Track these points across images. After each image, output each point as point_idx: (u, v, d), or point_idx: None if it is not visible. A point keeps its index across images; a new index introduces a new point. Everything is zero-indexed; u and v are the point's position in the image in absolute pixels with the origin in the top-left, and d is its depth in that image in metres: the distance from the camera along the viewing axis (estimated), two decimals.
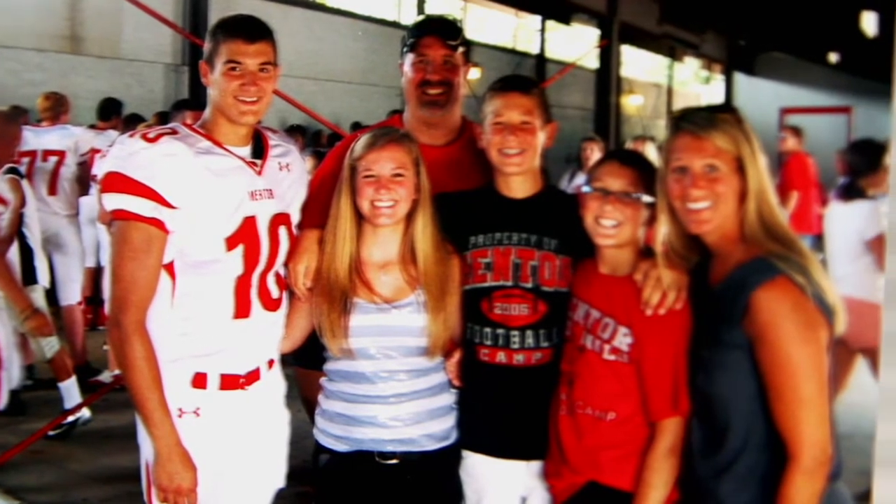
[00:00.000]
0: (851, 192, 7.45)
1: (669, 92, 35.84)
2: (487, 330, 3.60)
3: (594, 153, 11.46)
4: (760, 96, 31.47)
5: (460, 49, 4.11)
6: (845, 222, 7.42)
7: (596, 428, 3.34)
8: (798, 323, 2.88)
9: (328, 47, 20.85)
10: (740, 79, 35.01)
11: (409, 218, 3.53)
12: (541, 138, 3.64)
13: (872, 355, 6.70)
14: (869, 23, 21.98)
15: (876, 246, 7.00)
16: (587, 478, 3.36)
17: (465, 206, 3.71)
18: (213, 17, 15.55)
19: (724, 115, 3.14)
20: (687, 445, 3.20)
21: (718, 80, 37.15)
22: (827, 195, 10.19)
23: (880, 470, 2.85)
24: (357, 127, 14.35)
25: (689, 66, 36.99)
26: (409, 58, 4.10)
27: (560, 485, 3.45)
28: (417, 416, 3.53)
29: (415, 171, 3.52)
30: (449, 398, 3.63)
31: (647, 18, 29.18)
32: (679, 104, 33.50)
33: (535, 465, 3.59)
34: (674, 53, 34.84)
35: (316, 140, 16.14)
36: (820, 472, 2.88)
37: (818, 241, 10.00)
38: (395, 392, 3.52)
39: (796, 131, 13.73)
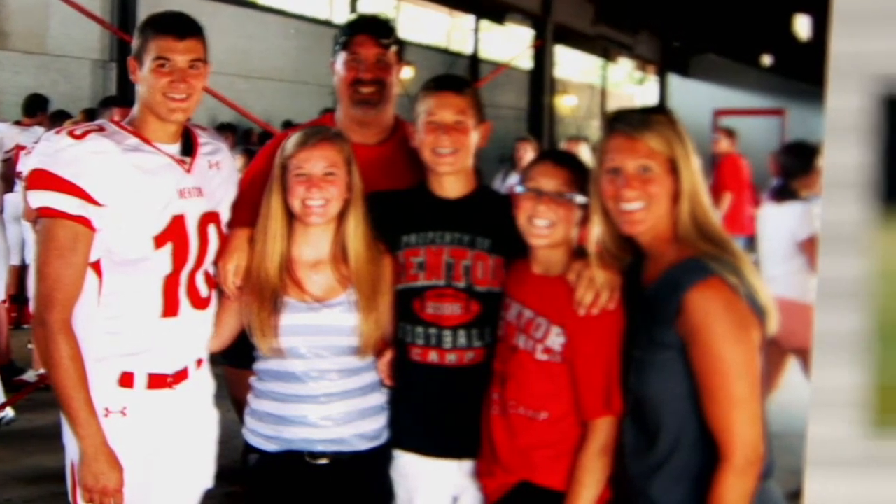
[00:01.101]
0: (784, 193, 7.53)
1: (603, 93, 35.99)
2: (419, 329, 3.60)
3: (527, 153, 11.50)
4: (694, 98, 31.67)
5: (393, 48, 4.11)
6: (778, 223, 7.50)
7: (528, 427, 3.35)
8: (730, 323, 2.91)
9: (259, 45, 20.76)
10: (674, 80, 35.23)
11: (341, 217, 3.53)
12: (474, 138, 3.65)
13: (804, 355, 6.77)
14: (802, 26, 22.19)
15: (808, 247, 7.08)
16: (519, 477, 3.38)
17: (397, 205, 3.71)
18: (142, 13, 15.42)
19: (657, 116, 3.17)
20: (619, 445, 3.22)
21: (652, 82, 37.37)
22: (760, 196, 10.29)
23: (811, 469, 2.88)
24: (288, 125, 14.31)
25: (623, 67, 37.18)
26: (342, 56, 4.09)
27: (492, 484, 3.47)
28: (348, 416, 3.54)
29: (346, 170, 3.52)
30: (380, 398, 3.64)
31: (582, 19, 29.28)
32: (613, 105, 33.65)
33: (466, 465, 3.60)
34: (608, 54, 35.00)
35: (246, 138, 16.07)
36: (751, 471, 2.91)
37: (751, 242, 10.10)
38: (326, 391, 3.52)
39: (730, 133, 13.86)
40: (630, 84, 38.36)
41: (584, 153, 9.04)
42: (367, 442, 3.58)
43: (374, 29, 4.13)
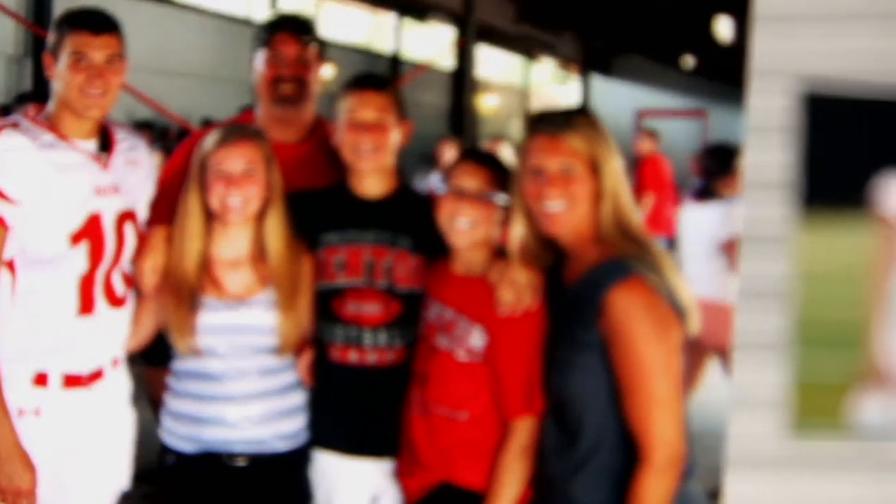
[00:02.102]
0: (705, 194, 7.60)
1: (525, 92, 36.07)
2: (339, 329, 3.60)
3: (449, 153, 11.51)
4: (616, 98, 31.82)
5: (314, 46, 4.11)
6: (699, 224, 7.57)
7: (449, 427, 3.36)
8: (651, 323, 2.95)
9: (177, 42, 20.61)
10: (597, 80, 35.38)
11: (261, 215, 3.52)
12: (395, 137, 3.66)
13: (724, 355, 6.83)
14: (724, 27, 22.39)
15: (729, 248, 7.14)
16: (440, 477, 3.39)
17: (317, 204, 3.71)
18: (58, 7, 15.26)
19: (579, 116, 3.19)
20: (541, 445, 3.24)
21: (575, 82, 37.51)
22: (682, 197, 10.38)
23: (731, 469, 2.92)
24: (207, 123, 14.22)
25: (546, 67, 37.28)
26: (262, 54, 4.08)
27: (412, 484, 3.47)
28: (267, 417, 3.53)
29: (266, 168, 3.51)
30: (300, 398, 3.63)
31: (504, 18, 29.35)
32: (535, 105, 33.74)
33: (386, 465, 3.60)
34: (530, 53, 35.08)
35: (164, 136, 15.95)
36: (672, 471, 2.94)
37: (673, 243, 10.18)
38: (245, 391, 3.51)
39: (652, 134, 13.96)
40: (552, 84, 38.48)
41: (506, 153, 9.07)
42: (287, 443, 3.58)
43: (295, 27, 4.13)
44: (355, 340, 3.60)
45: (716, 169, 7.62)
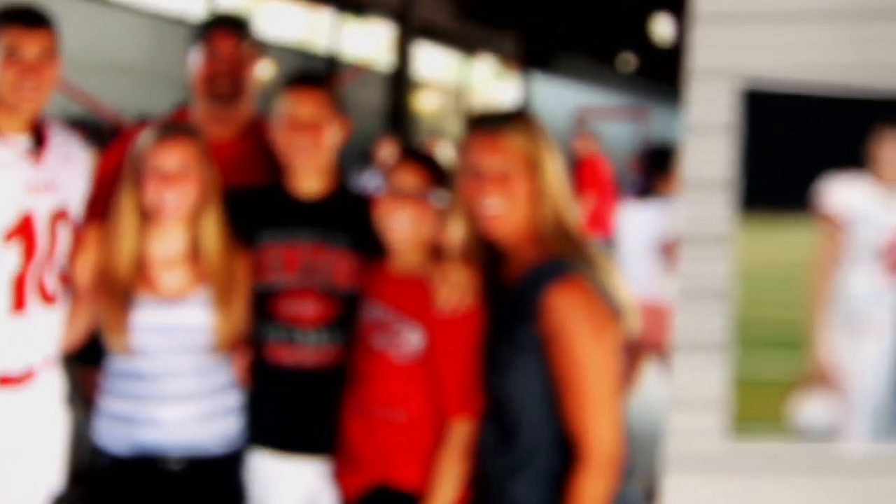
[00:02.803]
0: (645, 193, 7.64)
1: (465, 91, 36.10)
2: (276, 329, 3.60)
3: (387, 152, 11.50)
4: (557, 97, 31.89)
5: (250, 43, 4.11)
6: (638, 224, 7.60)
7: (386, 428, 3.37)
8: (589, 323, 2.96)
9: (113, 38, 20.49)
10: (537, 79, 35.46)
11: (196, 214, 3.51)
12: (332, 135, 3.66)
13: (663, 355, 6.87)
14: (664, 26, 22.52)
15: (668, 248, 7.18)
16: (377, 478, 3.39)
17: (254, 202, 3.70)
18: None
19: (518, 116, 3.21)
20: (479, 445, 3.25)
21: (515, 80, 37.58)
22: (621, 197, 10.42)
23: (669, 469, 2.94)
24: (142, 120, 14.14)
25: (486, 65, 37.33)
26: (198, 51, 4.07)
27: (349, 485, 3.47)
28: (202, 417, 3.52)
29: (201, 166, 3.50)
30: (236, 399, 3.62)
31: (444, 15, 29.37)
32: (475, 103, 33.78)
33: (323, 466, 3.60)
34: (470, 51, 35.11)
35: (99, 133, 15.84)
36: (609, 471, 2.96)
37: (612, 243, 10.22)
38: (179, 392, 3.50)
39: (592, 133, 14.02)
40: (492, 82, 38.54)
41: (445, 152, 9.07)
42: (222, 444, 3.57)
43: (232, 24, 4.13)
44: (292, 340, 3.59)
45: (655, 168, 7.66)
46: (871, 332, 3.08)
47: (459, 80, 36.27)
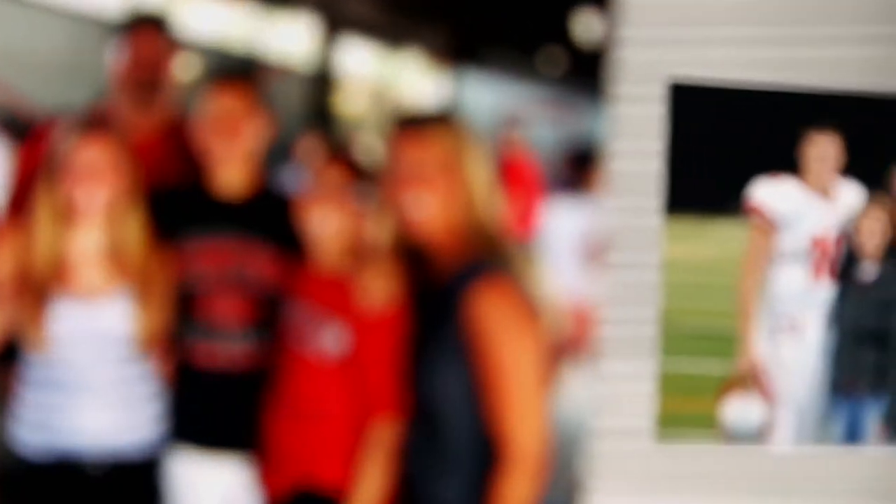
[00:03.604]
0: (572, 193, 7.66)
1: (390, 87, 36.06)
2: (198, 329, 3.58)
3: (310, 150, 11.46)
4: (485, 93, 31.90)
5: (171, 41, 4.09)
6: (565, 223, 7.63)
7: (309, 429, 3.38)
8: (512, 323, 2.98)
9: (30, 36, 20.28)
10: (465, 74, 35.49)
11: (116, 211, 3.48)
12: (253, 132, 3.64)
13: (588, 356, 6.90)
14: (590, 23, 22.62)
15: (594, 247, 7.21)
16: (300, 479, 3.40)
17: (176, 201, 3.67)
18: None
19: (442, 115, 3.22)
20: (405, 446, 3.26)
21: (442, 76, 37.59)
22: (548, 196, 10.45)
23: (595, 471, 2.95)
24: (59, 116, 14.02)
25: (411, 61, 37.32)
26: (118, 47, 4.04)
27: (272, 486, 3.48)
28: (122, 420, 3.49)
29: (121, 163, 3.47)
30: (157, 401, 3.59)
31: (368, 10, 29.30)
32: (400, 100, 33.74)
33: (245, 467, 3.59)
34: (396, 46, 35.07)
35: (15, 128, 15.69)
36: (534, 472, 2.98)
37: (537, 242, 10.24)
38: (99, 394, 3.47)
39: (519, 130, 14.03)
40: (419, 77, 38.54)
41: (369, 150, 9.06)
42: (142, 448, 3.54)
43: (152, 21, 4.11)
44: (214, 341, 3.58)
45: (582, 167, 7.69)
46: (797, 332, 3.12)
47: (385, 75, 36.22)
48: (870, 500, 3.17)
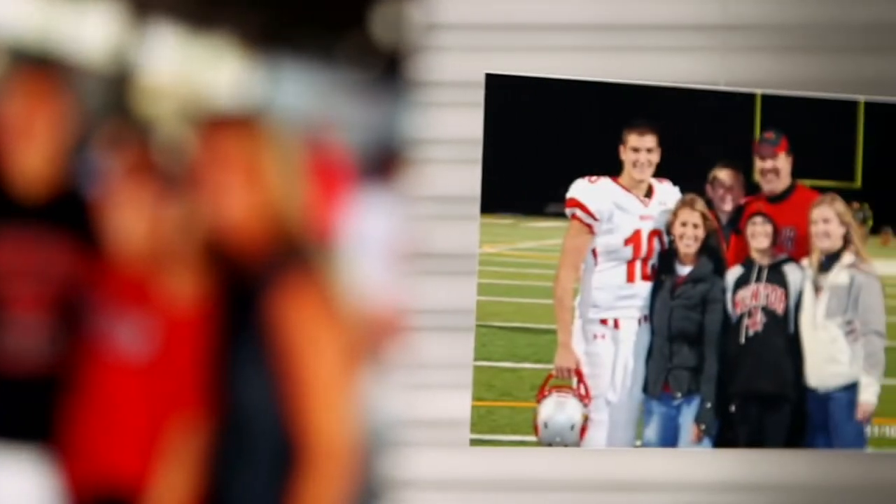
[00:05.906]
0: (375, 192, 7.67)
1: (195, 77, 35.83)
2: None
3: (111, 145, 11.32)
4: (290, 86, 31.94)
5: None
6: (369, 223, 7.64)
7: (109, 428, 3.35)
8: (312, 323, 3.02)
9: None
10: (273, 66, 35.42)
11: None
12: (48, 133, 3.57)
13: (399, 354, 6.92)
14: (404, 13, 22.78)
15: (397, 248, 7.23)
16: (103, 479, 3.36)
17: None
18: None
19: (244, 111, 3.24)
20: (207, 449, 3.25)
21: (249, 67, 37.46)
22: (357, 194, 10.46)
23: (407, 476, 2.96)
24: None
25: (220, 50, 37.14)
26: None
27: (74, 485, 3.42)
28: None
29: None
30: None
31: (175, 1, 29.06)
32: (205, 94, 33.55)
33: (46, 468, 3.51)
34: (203, 34, 34.87)
35: None
36: (335, 472, 3.02)
37: (346, 240, 10.24)
38: None
39: (331, 126, 14.03)
40: (226, 69, 38.37)
41: (172, 147, 8.96)
42: None
43: None
44: (12, 346, 3.50)
45: (394, 163, 7.70)
46: (613, 332, 3.17)
47: (191, 67, 35.96)
48: (685, 501, 3.24)
